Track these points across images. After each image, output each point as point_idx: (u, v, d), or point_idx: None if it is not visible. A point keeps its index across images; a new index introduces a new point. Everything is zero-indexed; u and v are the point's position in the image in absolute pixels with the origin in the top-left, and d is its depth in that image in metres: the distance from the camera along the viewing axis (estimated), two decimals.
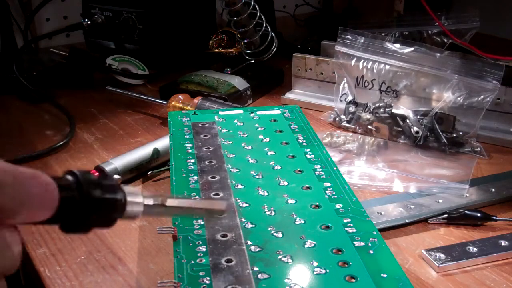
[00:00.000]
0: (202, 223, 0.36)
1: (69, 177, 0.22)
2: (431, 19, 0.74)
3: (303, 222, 0.36)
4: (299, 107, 0.55)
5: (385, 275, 0.31)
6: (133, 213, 0.25)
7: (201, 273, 0.31)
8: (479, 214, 0.44)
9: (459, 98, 0.58)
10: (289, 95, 0.72)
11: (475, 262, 0.39)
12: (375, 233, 0.35)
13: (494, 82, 0.57)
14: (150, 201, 0.26)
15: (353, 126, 0.63)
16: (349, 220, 0.36)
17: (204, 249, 0.33)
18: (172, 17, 0.83)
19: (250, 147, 0.46)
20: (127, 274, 0.39)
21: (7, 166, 0.19)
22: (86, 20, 0.81)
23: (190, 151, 0.45)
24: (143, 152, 0.53)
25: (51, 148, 0.58)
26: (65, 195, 0.21)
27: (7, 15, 0.81)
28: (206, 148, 0.46)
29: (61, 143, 0.59)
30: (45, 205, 0.20)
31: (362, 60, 0.63)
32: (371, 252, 0.33)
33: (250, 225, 0.35)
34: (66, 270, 0.39)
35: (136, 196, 0.25)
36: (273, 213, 0.37)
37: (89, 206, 0.22)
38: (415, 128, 0.58)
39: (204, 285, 0.30)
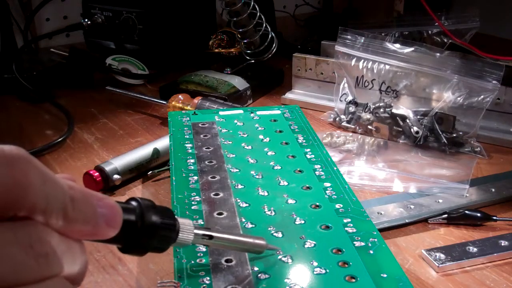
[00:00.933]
0: (202, 223, 0.36)
1: (133, 203, 0.24)
2: (431, 19, 0.74)
3: (303, 222, 0.36)
4: (299, 107, 0.55)
5: (385, 275, 0.31)
6: (184, 241, 0.27)
7: (201, 273, 0.31)
8: (479, 214, 0.44)
9: (459, 98, 0.58)
10: (289, 95, 0.72)
11: (475, 262, 0.39)
12: (375, 233, 0.35)
13: (494, 82, 0.57)
14: (199, 232, 0.28)
15: (353, 126, 0.63)
16: (349, 220, 0.36)
17: (204, 249, 0.33)
18: (172, 17, 0.83)
19: (250, 147, 0.46)
20: (127, 274, 0.39)
21: (76, 185, 0.21)
22: (86, 20, 0.81)
23: (190, 151, 0.45)
24: (143, 152, 0.53)
25: (48, 145, 0.58)
26: (128, 219, 0.23)
27: (7, 15, 0.81)
28: (206, 148, 0.46)
29: (58, 140, 0.59)
30: (110, 224, 0.22)
31: (362, 60, 0.63)
32: (371, 252, 0.33)
33: (250, 225, 0.35)
34: None
35: (188, 226, 0.27)
36: (273, 213, 0.37)
37: (149, 231, 0.24)
38: (415, 128, 0.58)
39: (204, 285, 0.30)
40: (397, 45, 0.62)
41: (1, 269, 0.17)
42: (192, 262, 0.32)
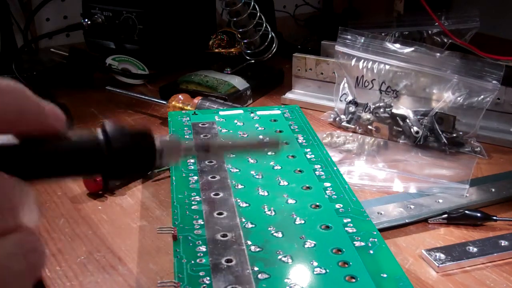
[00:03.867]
0: (202, 223, 0.36)
1: (99, 130, 0.23)
2: (431, 19, 0.74)
3: (303, 222, 0.36)
4: (299, 107, 0.55)
5: (385, 275, 0.31)
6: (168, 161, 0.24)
7: (201, 273, 0.31)
8: (479, 214, 0.44)
9: (459, 98, 0.58)
10: (289, 95, 0.72)
11: (475, 262, 0.39)
12: (375, 233, 0.35)
13: (494, 82, 0.57)
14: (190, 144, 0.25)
15: (353, 126, 0.62)
16: (349, 220, 0.36)
17: (204, 249, 0.33)
18: (172, 17, 0.83)
19: None
20: (127, 274, 0.39)
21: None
22: (86, 20, 0.81)
23: None
24: None
25: None
26: (96, 147, 0.22)
27: (7, 15, 0.81)
28: None
29: None
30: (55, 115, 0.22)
31: (362, 60, 0.63)
32: (371, 252, 0.33)
33: (250, 225, 0.35)
34: (66, 270, 0.39)
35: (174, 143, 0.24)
36: (273, 213, 0.37)
37: (119, 156, 0.23)
38: (415, 128, 0.58)
39: (204, 285, 0.30)
40: (397, 45, 0.61)
41: None
42: (192, 262, 0.32)
